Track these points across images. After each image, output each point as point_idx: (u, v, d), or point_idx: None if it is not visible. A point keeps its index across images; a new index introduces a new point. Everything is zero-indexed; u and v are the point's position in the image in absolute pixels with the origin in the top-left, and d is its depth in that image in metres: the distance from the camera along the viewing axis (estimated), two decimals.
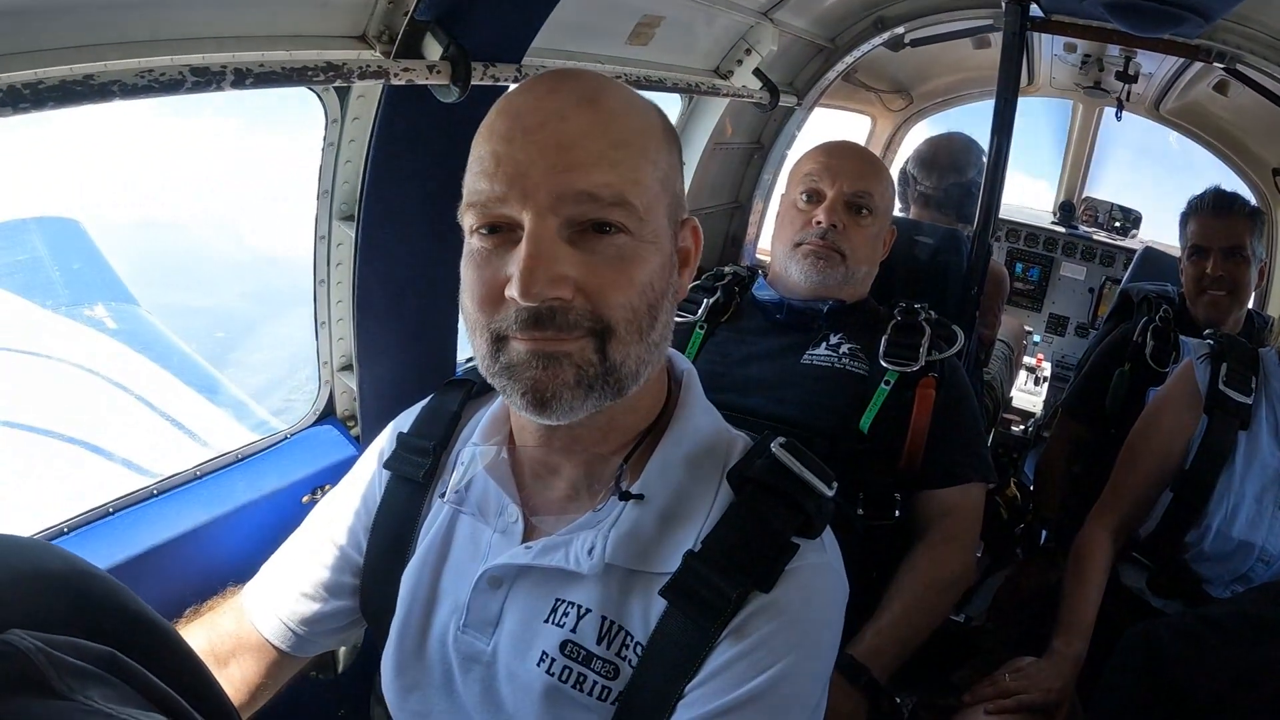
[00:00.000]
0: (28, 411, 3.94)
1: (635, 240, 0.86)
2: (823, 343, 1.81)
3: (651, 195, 0.87)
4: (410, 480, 1.09)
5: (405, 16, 1.30)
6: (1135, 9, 2.26)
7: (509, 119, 0.85)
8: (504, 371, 0.87)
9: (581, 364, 0.85)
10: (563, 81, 0.88)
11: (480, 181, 0.85)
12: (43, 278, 5.42)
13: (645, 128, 0.89)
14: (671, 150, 0.93)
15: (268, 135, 14.75)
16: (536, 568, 0.94)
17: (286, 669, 1.17)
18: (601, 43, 1.97)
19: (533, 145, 0.83)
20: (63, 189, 11.88)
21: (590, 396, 0.86)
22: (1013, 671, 1.66)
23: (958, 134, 3.04)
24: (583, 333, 0.84)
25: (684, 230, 0.96)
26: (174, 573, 1.40)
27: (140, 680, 0.65)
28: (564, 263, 0.82)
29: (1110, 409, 2.32)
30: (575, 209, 0.83)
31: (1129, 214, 4.76)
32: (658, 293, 0.88)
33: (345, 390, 1.73)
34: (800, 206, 1.88)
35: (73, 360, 4.44)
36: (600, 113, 0.85)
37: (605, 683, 0.90)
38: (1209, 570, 1.80)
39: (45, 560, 0.71)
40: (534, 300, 0.81)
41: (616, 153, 0.84)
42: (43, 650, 0.58)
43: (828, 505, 0.94)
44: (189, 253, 12.83)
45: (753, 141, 3.18)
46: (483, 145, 0.86)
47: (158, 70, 1.02)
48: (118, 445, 3.84)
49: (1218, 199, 2.34)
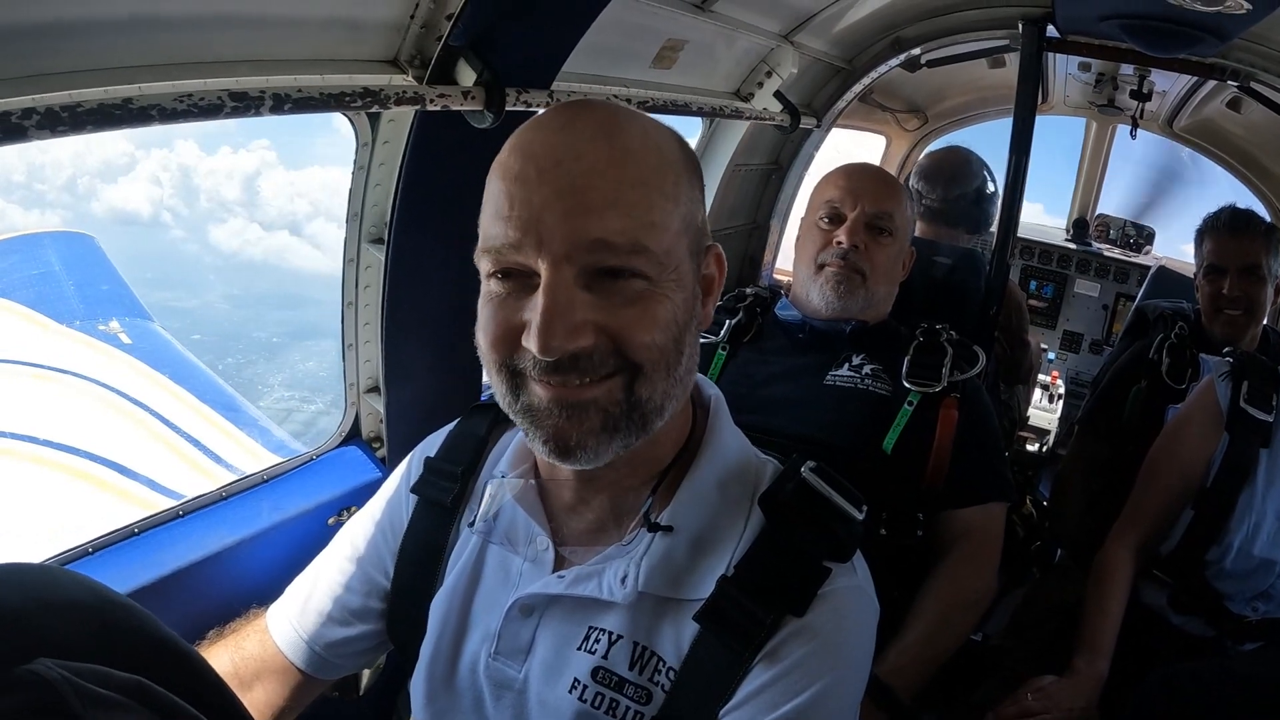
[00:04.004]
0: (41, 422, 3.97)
1: (655, 282, 0.84)
2: (845, 363, 1.81)
3: (671, 235, 0.85)
4: (438, 505, 1.09)
5: (439, 42, 1.31)
6: (1151, 30, 2.28)
7: (523, 157, 0.83)
8: (525, 413, 0.87)
9: (609, 406, 0.84)
10: (578, 115, 0.86)
11: (495, 225, 0.83)
12: (57, 292, 5.46)
13: (663, 163, 0.86)
14: (693, 182, 0.91)
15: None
16: (569, 597, 0.94)
17: (309, 691, 1.17)
18: (627, 67, 1.99)
19: (547, 187, 0.81)
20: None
21: (616, 438, 0.86)
22: (1035, 691, 1.66)
23: (955, 146, 3.05)
24: (610, 371, 0.83)
25: (707, 258, 0.95)
26: (199, 594, 1.40)
27: (168, 708, 0.65)
28: (582, 310, 0.81)
29: (1127, 426, 2.32)
30: (590, 257, 0.81)
31: (1142, 230, 4.77)
32: (681, 327, 0.87)
33: (371, 412, 1.73)
34: (822, 227, 1.89)
35: (89, 375, 4.46)
36: (615, 150, 0.83)
37: (638, 708, 0.90)
38: (1230, 587, 1.80)
39: (72, 590, 0.71)
40: (553, 355, 0.80)
41: (633, 193, 0.82)
42: (68, 680, 0.58)
43: (858, 529, 0.94)
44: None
45: (771, 162, 3.20)
46: (496, 183, 0.85)
47: (197, 94, 1.02)
48: (135, 460, 3.86)
49: (1233, 218, 2.33)
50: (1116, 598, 1.80)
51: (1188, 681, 1.61)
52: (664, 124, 0.93)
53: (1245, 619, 1.79)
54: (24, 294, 5.27)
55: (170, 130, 15.73)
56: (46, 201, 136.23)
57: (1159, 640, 1.85)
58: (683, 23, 1.98)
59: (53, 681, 0.58)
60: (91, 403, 4.28)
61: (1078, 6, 2.44)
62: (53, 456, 3.76)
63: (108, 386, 4.41)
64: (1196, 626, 1.85)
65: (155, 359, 4.91)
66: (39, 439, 3.82)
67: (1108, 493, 2.14)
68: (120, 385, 4.44)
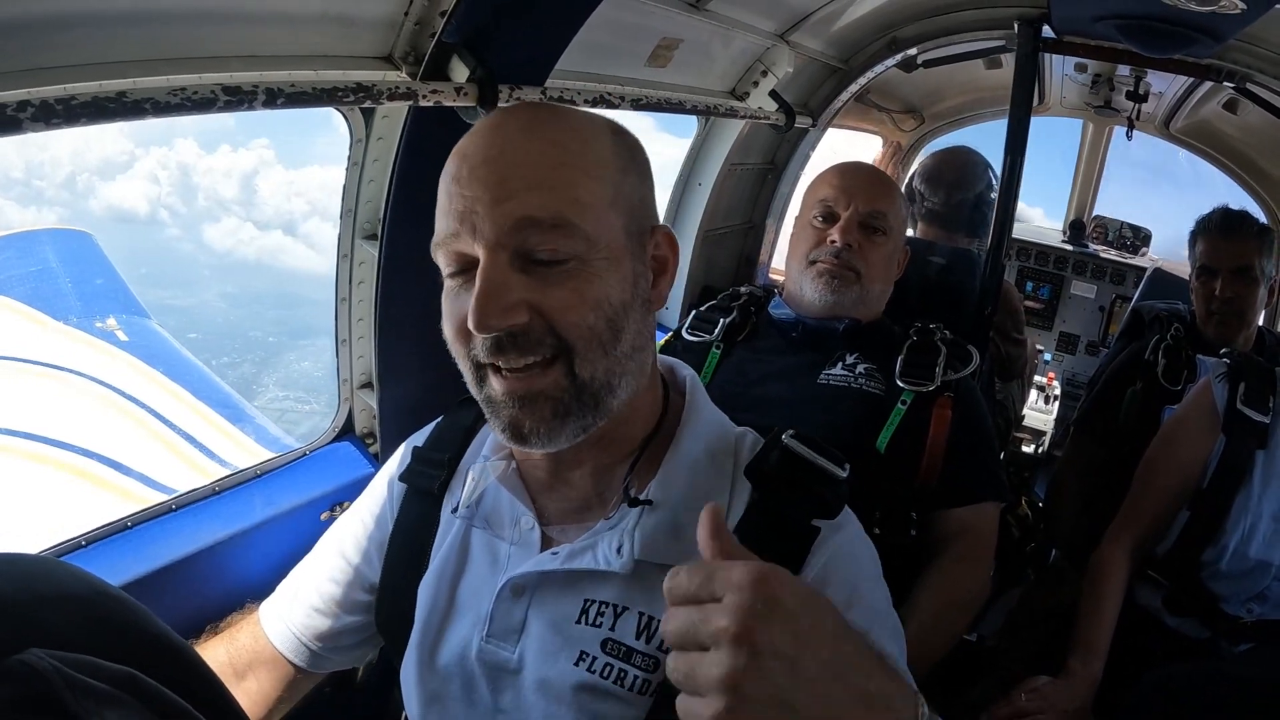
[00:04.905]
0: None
1: (585, 260, 0.88)
2: (839, 362, 1.81)
3: (598, 212, 0.89)
4: (425, 493, 1.12)
5: (432, 38, 1.31)
6: (1147, 30, 2.28)
7: (458, 159, 0.90)
8: (487, 404, 0.93)
9: (556, 394, 0.89)
10: (508, 117, 0.93)
11: (439, 220, 0.90)
12: (54, 288, 5.46)
13: (587, 148, 0.91)
14: (625, 167, 0.94)
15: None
16: (560, 572, 0.96)
17: (302, 684, 1.20)
18: (621, 65, 1.98)
19: (478, 182, 0.87)
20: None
21: (569, 421, 0.90)
22: (1029, 691, 1.66)
23: (962, 148, 3.03)
24: (549, 352, 0.88)
25: (654, 238, 0.98)
26: (191, 588, 1.40)
27: (159, 701, 0.65)
28: (515, 290, 0.86)
29: (1123, 427, 2.32)
30: (520, 237, 0.86)
31: (1139, 232, 4.78)
32: (616, 307, 0.90)
33: (364, 408, 1.73)
34: (816, 226, 1.89)
35: (86, 372, 4.46)
36: (539, 141, 0.89)
37: (645, 676, 0.93)
38: (1225, 589, 1.80)
39: (66, 581, 0.72)
40: (488, 331, 0.85)
41: (555, 174, 0.87)
42: (60, 671, 0.59)
43: (843, 487, 0.98)
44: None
45: (767, 162, 3.20)
46: (441, 185, 0.91)
47: (190, 88, 1.03)
48: (131, 457, 3.86)
49: (1225, 219, 2.34)
50: (1112, 599, 1.80)
51: (1182, 682, 1.61)
52: (599, 115, 0.99)
53: (1240, 620, 1.79)
54: (21, 290, 5.27)
55: (171, 129, 15.45)
56: (45, 199, 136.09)
57: (1154, 641, 1.85)
58: (678, 21, 1.98)
59: (44, 672, 0.58)
60: (88, 399, 4.28)
61: (1073, 7, 2.44)
62: (48, 453, 3.76)
63: (104, 383, 4.41)
64: (1191, 628, 1.85)
65: (152, 356, 4.91)
66: (35, 435, 3.82)
67: (1103, 494, 2.15)
68: (117, 382, 4.45)
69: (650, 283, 0.97)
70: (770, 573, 0.63)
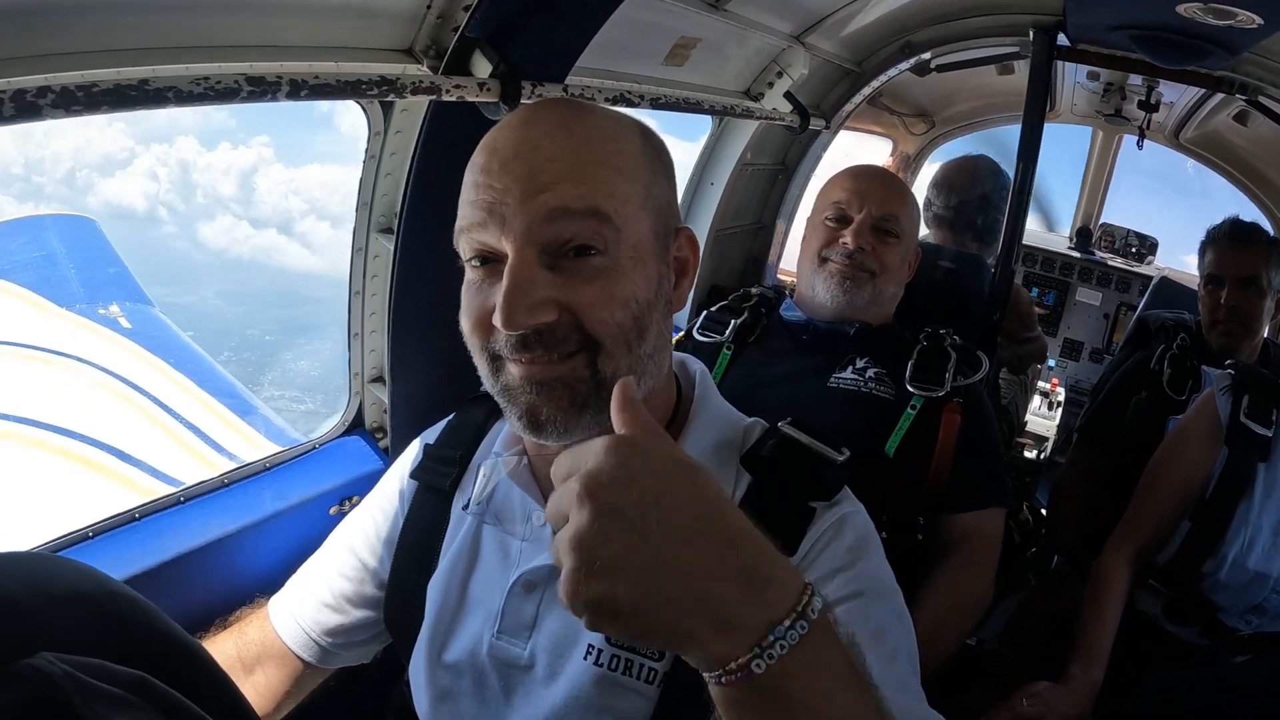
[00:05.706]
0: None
1: (613, 258, 0.88)
2: (849, 366, 1.81)
3: (629, 210, 0.89)
4: (436, 490, 1.12)
5: (455, 33, 1.30)
6: (1162, 42, 2.28)
7: (487, 152, 0.89)
8: (503, 393, 0.91)
9: (575, 383, 0.88)
10: (539, 111, 0.92)
11: (464, 209, 0.89)
12: (58, 274, 5.45)
13: (619, 147, 0.91)
14: (654, 168, 0.94)
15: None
16: None
17: (310, 679, 1.21)
18: (640, 63, 1.98)
19: (508, 175, 0.86)
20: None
21: (585, 413, 0.89)
22: (1030, 696, 1.66)
23: (975, 155, 3.02)
24: (574, 347, 0.87)
25: (678, 240, 0.98)
26: (200, 581, 1.39)
27: (169, 703, 0.65)
28: (543, 288, 0.85)
29: (1127, 435, 2.32)
30: (550, 230, 0.85)
31: (1145, 240, 4.77)
32: (643, 305, 0.90)
33: (375, 402, 1.73)
34: (828, 225, 1.89)
35: (89, 358, 4.45)
36: (572, 138, 0.88)
37: (651, 664, 0.93)
38: (1224, 599, 1.81)
39: (75, 580, 0.71)
40: (516, 329, 0.85)
41: (587, 170, 0.87)
42: (70, 676, 0.58)
43: (839, 470, 0.99)
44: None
45: (778, 163, 3.20)
46: (467, 177, 0.90)
47: (214, 78, 1.02)
48: (134, 445, 3.85)
49: (1236, 229, 2.34)
50: (1113, 606, 1.81)
51: (1182, 689, 1.62)
52: (626, 115, 0.99)
53: (1238, 633, 1.80)
54: (25, 276, 5.26)
55: (171, 127, 15.29)
56: (44, 194, 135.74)
57: (1154, 647, 1.86)
58: (696, 21, 1.97)
59: (54, 677, 0.58)
60: (90, 386, 4.27)
61: (1089, 16, 2.44)
62: (51, 440, 3.75)
63: (107, 370, 4.40)
64: (1190, 637, 1.86)
65: (155, 344, 4.90)
66: (37, 422, 3.82)
67: (1106, 501, 2.15)
68: (120, 369, 4.44)
69: (673, 284, 0.97)
70: (630, 439, 0.62)
